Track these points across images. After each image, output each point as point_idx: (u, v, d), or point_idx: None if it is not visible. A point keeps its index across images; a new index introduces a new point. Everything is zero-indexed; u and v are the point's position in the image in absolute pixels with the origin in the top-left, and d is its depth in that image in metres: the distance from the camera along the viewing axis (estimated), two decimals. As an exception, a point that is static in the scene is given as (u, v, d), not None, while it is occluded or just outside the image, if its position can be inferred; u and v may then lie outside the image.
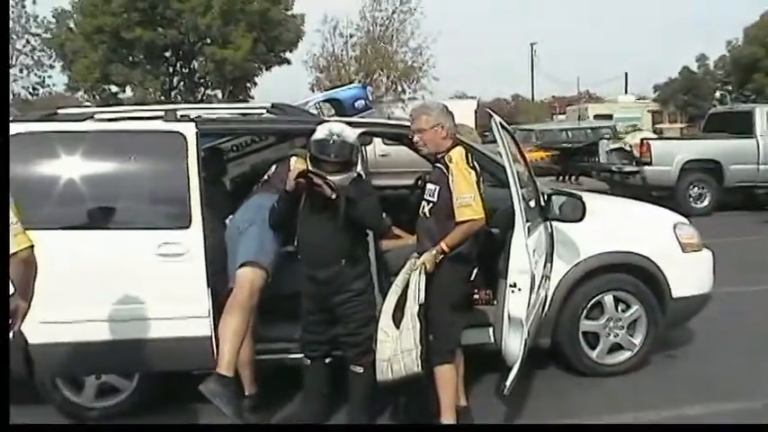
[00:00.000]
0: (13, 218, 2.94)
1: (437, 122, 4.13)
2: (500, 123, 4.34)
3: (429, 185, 4.17)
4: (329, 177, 4.07)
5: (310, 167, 4.12)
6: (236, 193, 5.27)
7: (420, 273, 3.97)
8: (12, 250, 2.91)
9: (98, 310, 4.21)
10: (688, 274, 5.30)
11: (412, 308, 3.94)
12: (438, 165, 4.13)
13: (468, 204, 3.96)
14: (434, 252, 3.99)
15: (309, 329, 4.35)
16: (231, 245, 4.50)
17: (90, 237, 4.37)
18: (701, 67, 45.89)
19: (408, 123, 4.36)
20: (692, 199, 13.84)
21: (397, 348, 3.95)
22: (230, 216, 4.71)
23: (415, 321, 3.92)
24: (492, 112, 4.48)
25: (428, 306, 3.96)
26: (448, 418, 4.13)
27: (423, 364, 3.91)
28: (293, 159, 4.60)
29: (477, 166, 4.12)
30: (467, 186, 3.99)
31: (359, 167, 4.42)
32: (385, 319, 4.05)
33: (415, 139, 4.23)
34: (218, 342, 4.20)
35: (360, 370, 4.26)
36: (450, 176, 4.01)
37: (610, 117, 30.55)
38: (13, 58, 34.96)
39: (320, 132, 4.21)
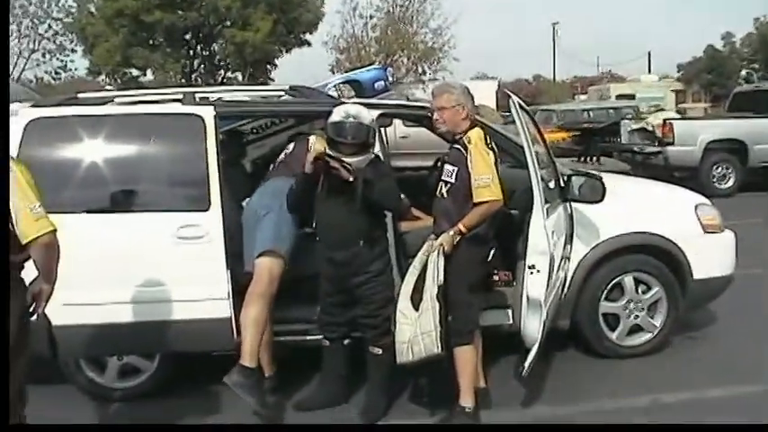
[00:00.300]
0: (35, 202, 2.98)
1: (458, 102, 4.11)
2: (518, 103, 4.31)
3: (447, 166, 4.15)
4: (346, 159, 4.07)
5: (328, 150, 4.12)
6: (256, 176, 5.29)
7: (438, 254, 3.97)
8: (33, 235, 2.96)
9: (119, 292, 4.26)
10: (709, 255, 5.24)
11: (431, 289, 3.94)
12: (456, 146, 4.12)
13: (487, 185, 3.95)
14: (452, 233, 3.99)
15: (328, 311, 4.37)
16: (247, 229, 4.49)
17: (110, 220, 4.42)
18: (727, 45, 45.29)
19: (428, 105, 4.35)
20: (715, 179, 13.65)
21: (416, 330, 3.95)
22: (247, 199, 4.70)
23: (434, 302, 3.92)
24: (510, 93, 4.45)
25: (446, 287, 3.96)
26: (467, 399, 4.14)
27: (443, 345, 3.92)
28: (312, 138, 4.58)
29: (495, 147, 4.11)
30: (485, 167, 3.97)
31: (377, 149, 4.42)
32: (403, 301, 4.06)
33: (435, 116, 4.22)
34: (238, 323, 4.23)
35: (378, 351, 4.27)
36: (468, 157, 3.99)
37: (632, 97, 30.25)
38: (36, 43, 35.31)
39: (336, 114, 4.20)
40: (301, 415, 4.41)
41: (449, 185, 4.10)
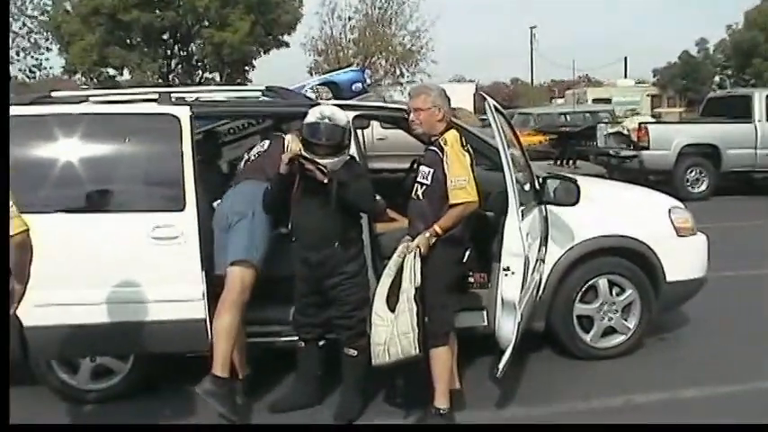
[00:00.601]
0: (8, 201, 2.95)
1: (434, 104, 4.13)
2: (494, 106, 4.33)
3: (422, 168, 4.16)
4: (320, 161, 4.07)
5: (303, 151, 4.12)
6: (232, 177, 5.26)
7: (415, 256, 3.98)
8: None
9: (93, 292, 4.22)
10: (683, 258, 5.31)
11: (408, 291, 3.95)
12: (432, 147, 4.13)
13: (463, 187, 3.97)
14: (428, 235, 4.00)
15: (303, 312, 4.36)
16: (218, 232, 4.43)
17: (84, 220, 4.37)
18: (701, 52, 45.84)
19: (405, 106, 4.36)
20: (689, 183, 13.81)
21: (393, 332, 3.96)
22: (218, 201, 4.64)
23: (411, 304, 3.93)
24: (486, 96, 4.47)
25: (422, 289, 3.97)
26: (442, 401, 4.15)
27: (420, 346, 3.93)
28: (288, 138, 4.56)
29: (470, 150, 4.13)
30: (461, 169, 3.99)
31: (352, 150, 4.42)
32: (379, 303, 4.06)
33: (411, 117, 4.23)
34: (212, 324, 4.22)
35: (353, 353, 4.27)
36: (444, 159, 4.01)
37: (608, 101, 30.61)
38: (10, 41, 34.81)
39: (311, 116, 4.19)
40: (275, 417, 4.38)
41: (424, 187, 4.11)
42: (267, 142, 4.83)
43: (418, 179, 4.17)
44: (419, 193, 4.15)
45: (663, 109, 36.78)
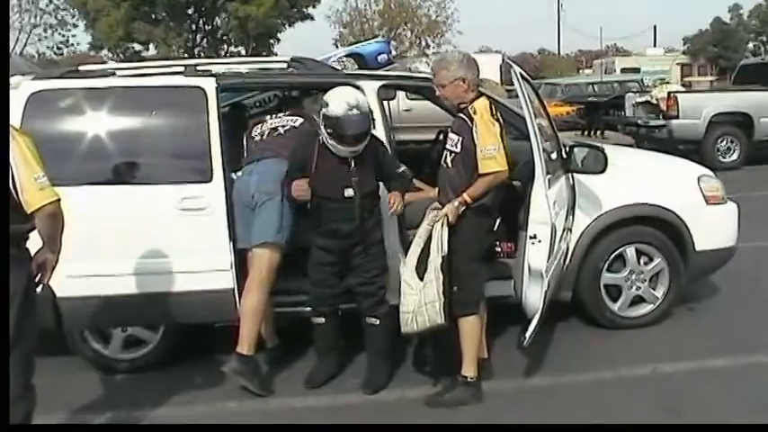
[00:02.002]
0: (39, 171, 2.99)
1: (456, 76, 4.05)
2: (521, 74, 4.28)
3: (451, 135, 4.13)
4: (346, 148, 4.09)
5: (328, 140, 4.10)
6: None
7: (442, 225, 3.97)
8: (38, 204, 2.98)
9: (123, 264, 4.29)
10: (712, 226, 5.24)
11: (435, 260, 3.95)
12: (460, 114, 4.08)
13: (493, 156, 3.92)
14: (457, 204, 3.98)
15: (325, 283, 4.33)
16: (241, 207, 4.37)
17: (113, 192, 4.42)
18: (734, 18, 44.89)
19: (431, 76, 4.31)
20: (719, 153, 13.56)
21: (421, 300, 3.97)
22: (239, 173, 4.57)
23: (438, 273, 3.93)
24: (513, 63, 4.42)
25: (451, 258, 3.97)
26: (470, 369, 4.16)
27: (446, 315, 3.94)
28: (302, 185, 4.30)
29: (500, 118, 4.08)
30: (491, 138, 3.94)
31: (378, 122, 4.41)
32: (408, 272, 4.06)
33: (437, 93, 4.20)
34: (241, 294, 4.27)
35: (375, 321, 4.28)
36: (473, 128, 3.96)
37: (637, 71, 30.15)
38: (37, 18, 35.14)
39: (337, 107, 4.04)
40: (299, 389, 4.39)
41: (453, 155, 4.07)
42: (299, 120, 4.73)
43: (447, 146, 4.14)
44: (448, 161, 4.11)
45: (693, 78, 36.17)
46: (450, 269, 3.97)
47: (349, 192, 4.16)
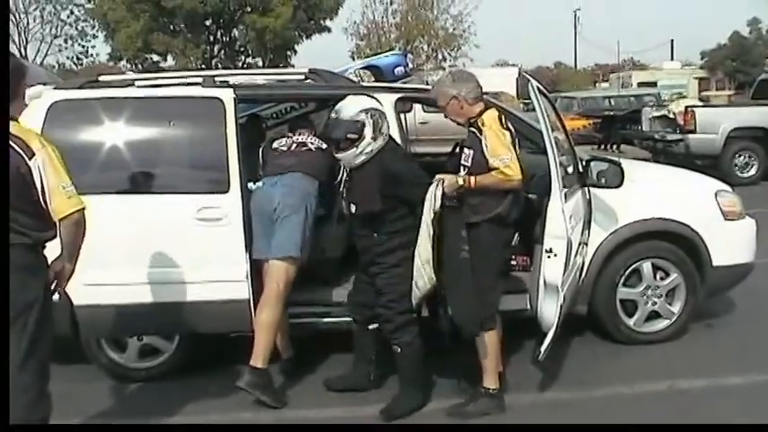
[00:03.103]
0: (66, 180, 3.05)
1: (450, 95, 4.09)
2: (538, 88, 4.28)
3: (465, 150, 4.14)
4: (336, 155, 4.14)
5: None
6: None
7: (437, 186, 3.89)
8: (67, 211, 3.02)
9: (139, 273, 4.32)
10: (729, 242, 5.20)
11: (427, 217, 3.86)
12: (471, 128, 4.09)
13: (507, 166, 3.90)
14: (460, 180, 3.95)
15: (357, 289, 4.36)
16: (258, 217, 4.36)
17: (131, 201, 4.46)
18: (753, 32, 44.59)
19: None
20: (737, 168, 13.47)
21: (417, 263, 3.91)
22: (258, 183, 4.53)
23: (429, 229, 3.85)
24: (530, 77, 4.42)
25: (474, 268, 3.90)
26: (491, 381, 4.15)
27: (435, 274, 3.88)
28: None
29: (511, 128, 4.07)
30: (502, 149, 3.93)
31: (395, 135, 4.41)
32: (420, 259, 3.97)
33: (444, 116, 4.24)
34: (257, 305, 4.28)
35: (397, 350, 4.15)
36: (483, 140, 3.97)
37: (654, 85, 30.03)
38: (58, 29, 35.58)
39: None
40: (313, 399, 4.39)
41: (466, 169, 4.07)
42: (322, 144, 4.66)
43: (461, 162, 4.14)
44: (462, 175, 4.11)
45: (711, 92, 35.96)
46: (441, 224, 3.88)
47: (351, 207, 4.17)
